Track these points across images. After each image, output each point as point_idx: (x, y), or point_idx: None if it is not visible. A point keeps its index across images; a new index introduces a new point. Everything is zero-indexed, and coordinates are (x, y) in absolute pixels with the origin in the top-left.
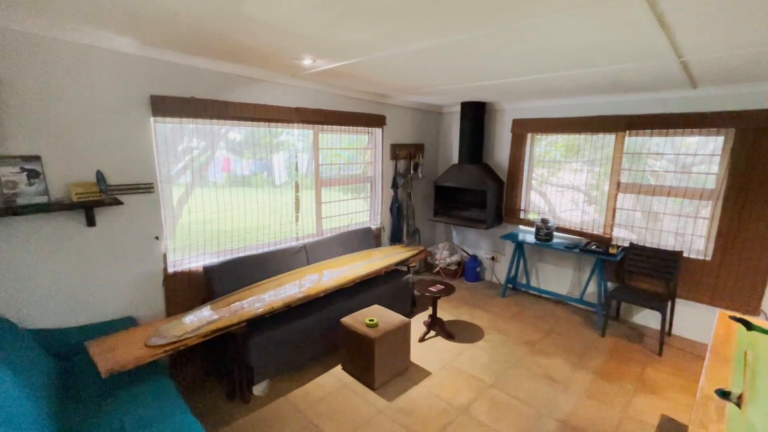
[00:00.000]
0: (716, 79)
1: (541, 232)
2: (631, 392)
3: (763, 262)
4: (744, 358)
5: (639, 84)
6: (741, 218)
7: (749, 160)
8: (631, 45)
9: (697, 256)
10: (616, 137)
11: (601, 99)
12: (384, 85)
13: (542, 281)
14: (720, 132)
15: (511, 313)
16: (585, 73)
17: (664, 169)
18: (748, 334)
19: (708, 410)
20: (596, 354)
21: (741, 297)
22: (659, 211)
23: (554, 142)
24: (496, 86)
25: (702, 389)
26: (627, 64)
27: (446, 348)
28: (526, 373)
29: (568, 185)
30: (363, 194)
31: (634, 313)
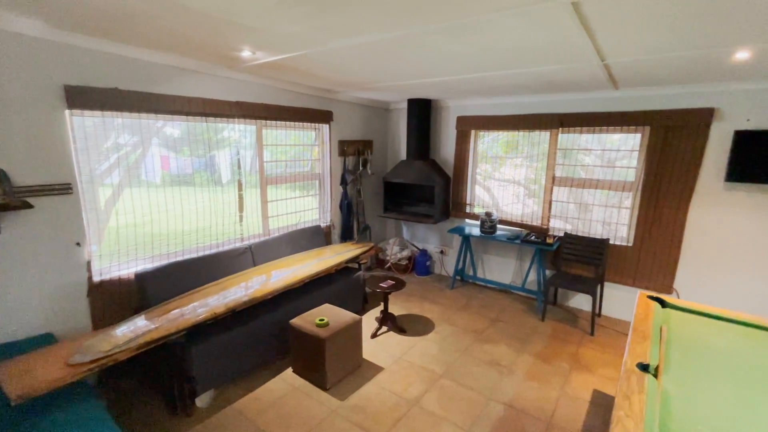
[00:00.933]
0: (634, 82)
1: (486, 225)
2: (567, 371)
3: (674, 246)
4: (660, 333)
5: (570, 84)
6: (656, 207)
7: (662, 155)
8: (561, 47)
9: (621, 243)
10: (550, 134)
11: (537, 98)
12: (330, 80)
13: (488, 272)
14: (638, 130)
15: (460, 304)
16: (521, 72)
17: (593, 163)
18: (663, 311)
19: (631, 383)
20: (537, 338)
21: (657, 278)
22: (589, 202)
23: (496, 139)
24: (440, 84)
25: (625, 364)
26: (558, 65)
27: (398, 342)
28: (474, 361)
29: (510, 180)
30: (312, 192)
31: (570, 298)
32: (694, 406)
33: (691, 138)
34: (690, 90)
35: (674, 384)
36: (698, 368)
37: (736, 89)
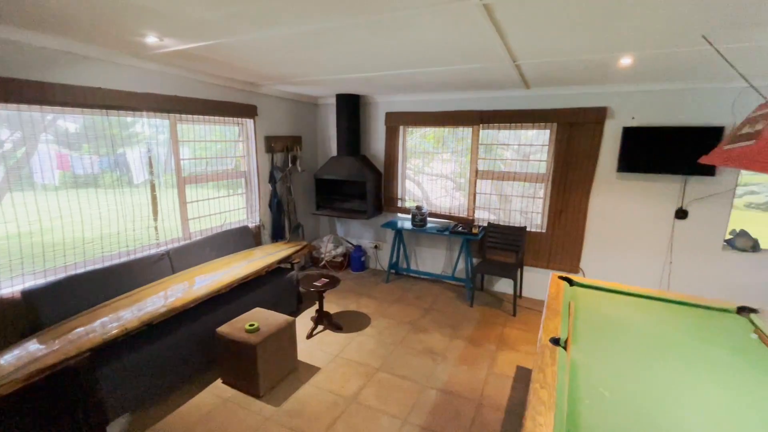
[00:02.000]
0: (542, 82)
1: (417, 218)
2: (494, 352)
3: (579, 231)
4: (568, 309)
5: (489, 83)
6: (564, 196)
7: (567, 149)
8: (477, 47)
9: (536, 230)
10: (473, 130)
11: (461, 95)
12: (252, 73)
13: (420, 263)
14: (547, 126)
15: (395, 296)
16: (443, 70)
17: (511, 157)
18: (571, 289)
19: (545, 357)
20: (467, 323)
21: (567, 260)
22: (509, 193)
23: (425, 135)
24: (367, 79)
25: (540, 340)
26: (476, 64)
27: (335, 340)
28: (410, 351)
29: (439, 174)
30: (238, 191)
31: (495, 283)
32: (596, 371)
33: (590, 134)
34: (587, 91)
35: (581, 353)
36: (600, 338)
37: (624, 90)
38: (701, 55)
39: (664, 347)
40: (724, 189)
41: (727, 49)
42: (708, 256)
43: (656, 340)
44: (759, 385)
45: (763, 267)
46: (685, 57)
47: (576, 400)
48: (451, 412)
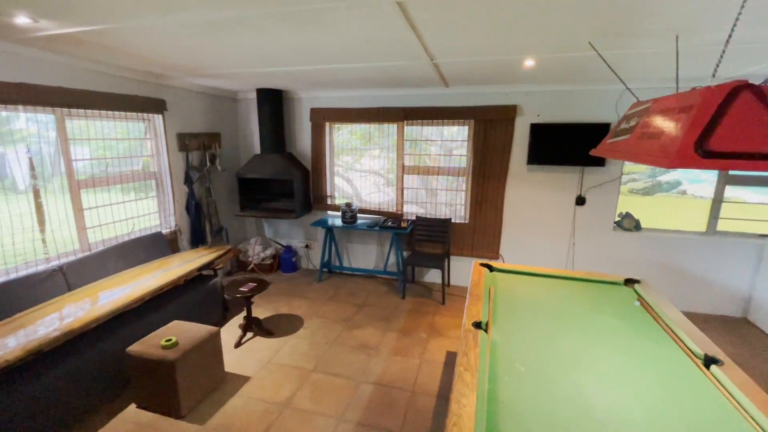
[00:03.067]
0: (460, 81)
1: (347, 215)
2: (425, 340)
3: (497, 220)
4: (489, 294)
5: (411, 80)
6: (483, 188)
7: (484, 144)
8: (396, 45)
9: (460, 221)
10: (398, 126)
11: (386, 92)
12: (155, 63)
13: (353, 260)
14: (465, 123)
15: (328, 295)
16: (364, 67)
17: (436, 152)
18: (491, 274)
19: (468, 340)
20: (399, 315)
21: (488, 247)
22: (436, 187)
23: (353, 131)
24: (288, 74)
25: (464, 325)
26: (396, 61)
27: (266, 346)
28: (344, 349)
29: (369, 170)
30: (149, 194)
31: (425, 274)
32: (513, 349)
33: (503, 130)
34: (500, 90)
35: (500, 334)
36: (516, 318)
37: (531, 90)
38: (590, 60)
39: (567, 320)
40: (612, 178)
41: (611, 55)
42: (602, 236)
43: (561, 315)
44: (640, 345)
45: (643, 243)
46: (577, 61)
47: (496, 378)
48: (385, 404)
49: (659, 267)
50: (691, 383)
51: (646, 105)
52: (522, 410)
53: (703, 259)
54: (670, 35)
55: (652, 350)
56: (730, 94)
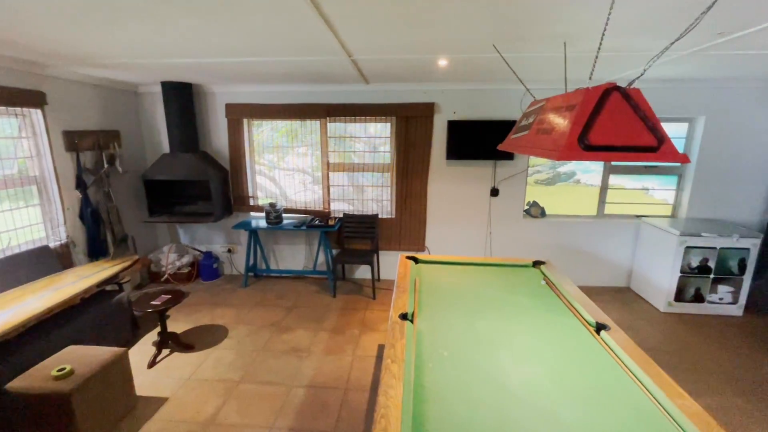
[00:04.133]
0: (379, 78)
1: (271, 216)
2: (358, 336)
3: (422, 213)
4: (414, 285)
5: (332, 77)
6: (407, 184)
7: (406, 141)
8: (310, 39)
9: (387, 216)
10: (320, 123)
11: (307, 88)
12: (29, 49)
13: (281, 262)
14: (387, 120)
15: (255, 300)
16: (280, 61)
17: (362, 149)
18: (417, 266)
19: (395, 332)
20: (331, 314)
21: (414, 240)
22: (364, 184)
23: (276, 128)
24: (195, 66)
25: (391, 318)
26: (313, 56)
27: (186, 362)
28: (274, 355)
29: (295, 168)
30: (30, 202)
31: (355, 271)
32: (438, 336)
33: (423, 127)
34: (418, 88)
35: (425, 323)
36: (440, 306)
37: (447, 89)
38: (496, 61)
39: (486, 303)
40: (520, 170)
41: (512, 58)
42: (514, 223)
43: (481, 299)
44: (547, 320)
45: (548, 228)
46: (485, 62)
47: (422, 365)
48: (318, 406)
49: (561, 248)
50: (586, 348)
51: (541, 104)
52: (446, 393)
53: (595, 239)
54: (560, 42)
55: (556, 323)
56: (603, 95)
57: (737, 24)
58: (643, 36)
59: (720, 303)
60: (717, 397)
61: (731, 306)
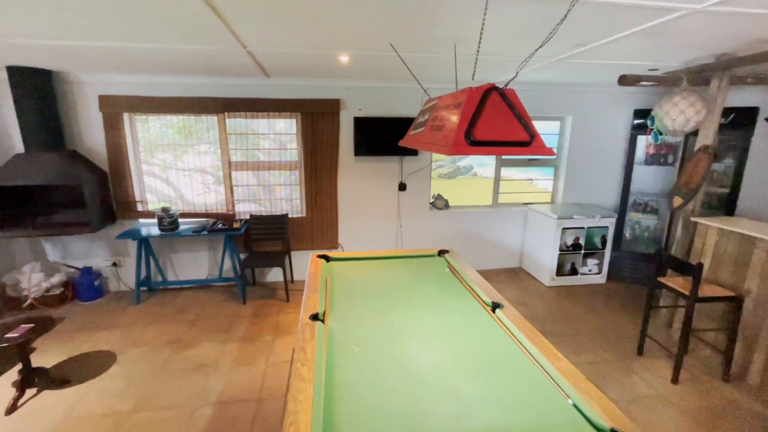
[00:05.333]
0: (281, 72)
1: (165, 222)
2: (271, 342)
3: (333, 210)
4: (325, 284)
5: (227, 68)
6: (316, 180)
7: (313, 137)
8: (193, 24)
9: (298, 215)
10: (218, 119)
11: (200, 80)
12: None
13: (180, 272)
14: (292, 116)
15: (150, 318)
16: (162, 48)
17: (270, 146)
18: (328, 264)
19: (305, 334)
20: (241, 323)
21: (327, 238)
22: (273, 183)
23: (169, 124)
24: (50, 49)
25: (301, 320)
26: (201, 45)
27: (60, 400)
28: (175, 375)
29: (195, 168)
30: None
31: (266, 274)
32: (349, 333)
33: (329, 123)
34: (323, 84)
35: (336, 321)
36: (351, 302)
37: (352, 85)
38: (396, 60)
39: (395, 295)
40: (424, 165)
41: (410, 57)
42: (421, 216)
43: (390, 291)
44: (450, 304)
45: (452, 219)
46: (386, 60)
47: (333, 364)
48: (228, 422)
49: (463, 237)
50: (484, 327)
51: (434, 102)
52: (358, 388)
53: (491, 226)
54: (451, 44)
55: (459, 306)
56: (485, 95)
57: (589, 37)
58: (515, 43)
59: (589, 274)
60: (590, 354)
61: (597, 276)
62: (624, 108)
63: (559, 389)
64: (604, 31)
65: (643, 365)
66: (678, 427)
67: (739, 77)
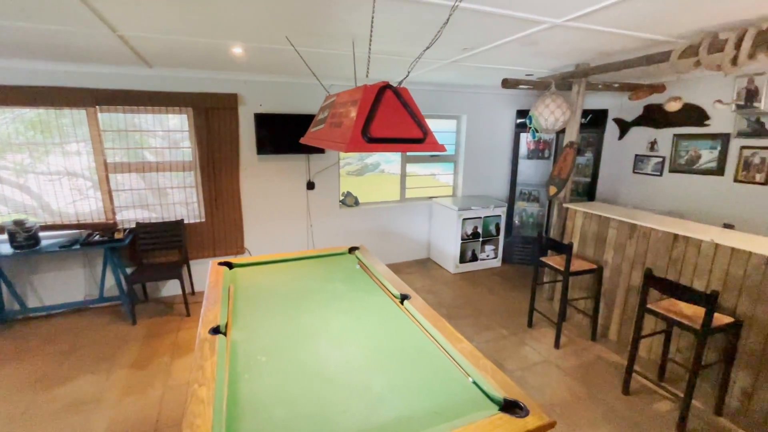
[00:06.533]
0: (165, 62)
1: (19, 237)
2: (168, 364)
3: (237, 213)
4: (228, 293)
5: (97, 55)
6: (215, 181)
7: (209, 135)
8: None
9: (195, 220)
10: (87, 113)
11: (63, 67)
12: None
13: (47, 296)
14: (183, 111)
15: (4, 356)
16: (3, 26)
17: (160, 145)
18: (232, 272)
19: (204, 351)
20: (130, 346)
21: (231, 244)
22: (166, 185)
23: (20, 118)
24: None
25: (199, 336)
26: (52, 25)
27: None
28: (42, 420)
29: (63, 172)
30: None
31: (161, 288)
32: (255, 342)
33: (227, 119)
34: (218, 76)
35: (241, 332)
36: (257, 310)
37: (251, 79)
38: (295, 54)
39: (306, 297)
40: (332, 163)
41: (308, 52)
42: (332, 214)
43: (300, 293)
44: (361, 300)
45: (362, 215)
46: (284, 54)
47: (237, 378)
48: None
49: (374, 232)
50: (393, 319)
51: (333, 98)
52: (265, 400)
53: (400, 220)
54: (349, 41)
55: (369, 302)
56: (380, 92)
57: (475, 43)
58: (407, 44)
59: (487, 259)
60: (491, 332)
61: (494, 260)
62: (509, 108)
63: (461, 370)
64: (486, 38)
65: (533, 336)
66: (560, 385)
67: (593, 84)
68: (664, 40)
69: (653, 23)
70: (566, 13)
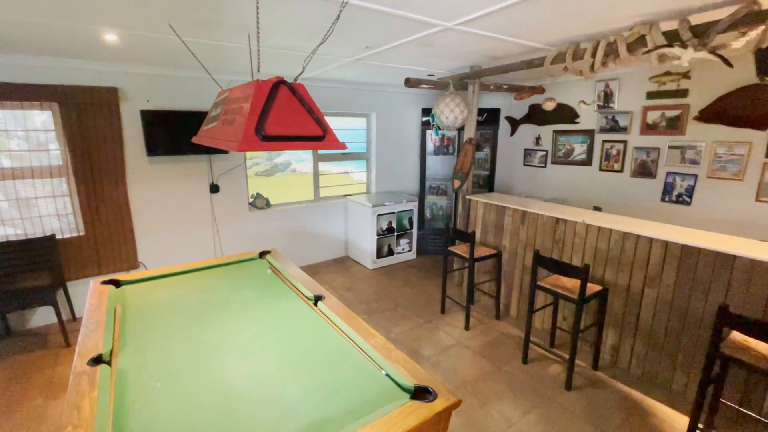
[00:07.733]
0: (18, 47)
1: None
2: (43, 408)
3: (126, 223)
4: (114, 314)
5: None
6: (96, 189)
7: (83, 134)
8: None
9: (72, 234)
10: None
11: None
12: None
13: None
14: (45, 106)
15: None
16: None
17: (21, 148)
18: (119, 290)
19: (80, 387)
20: None
21: (121, 258)
22: (30, 195)
23: None
24: None
25: (74, 369)
26: None
27: None
28: None
29: None
30: None
31: (29, 318)
32: (149, 367)
33: (106, 116)
34: (92, 67)
35: (130, 358)
36: (152, 331)
37: (133, 72)
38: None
39: (210, 309)
40: (237, 163)
41: (197, 43)
42: (241, 218)
43: (204, 306)
44: (273, 306)
45: (275, 217)
46: (169, 44)
47: (125, 411)
48: None
49: (289, 234)
50: (306, 322)
51: (226, 94)
52: (160, 428)
53: (315, 220)
54: (245, 33)
55: (281, 307)
56: (274, 87)
57: (375, 41)
58: (304, 39)
59: (403, 252)
60: (408, 323)
61: (409, 253)
62: (415, 106)
63: (374, 364)
64: (386, 38)
65: (446, 321)
66: (471, 363)
67: (485, 84)
68: (540, 47)
69: (528, 31)
70: (456, 17)
